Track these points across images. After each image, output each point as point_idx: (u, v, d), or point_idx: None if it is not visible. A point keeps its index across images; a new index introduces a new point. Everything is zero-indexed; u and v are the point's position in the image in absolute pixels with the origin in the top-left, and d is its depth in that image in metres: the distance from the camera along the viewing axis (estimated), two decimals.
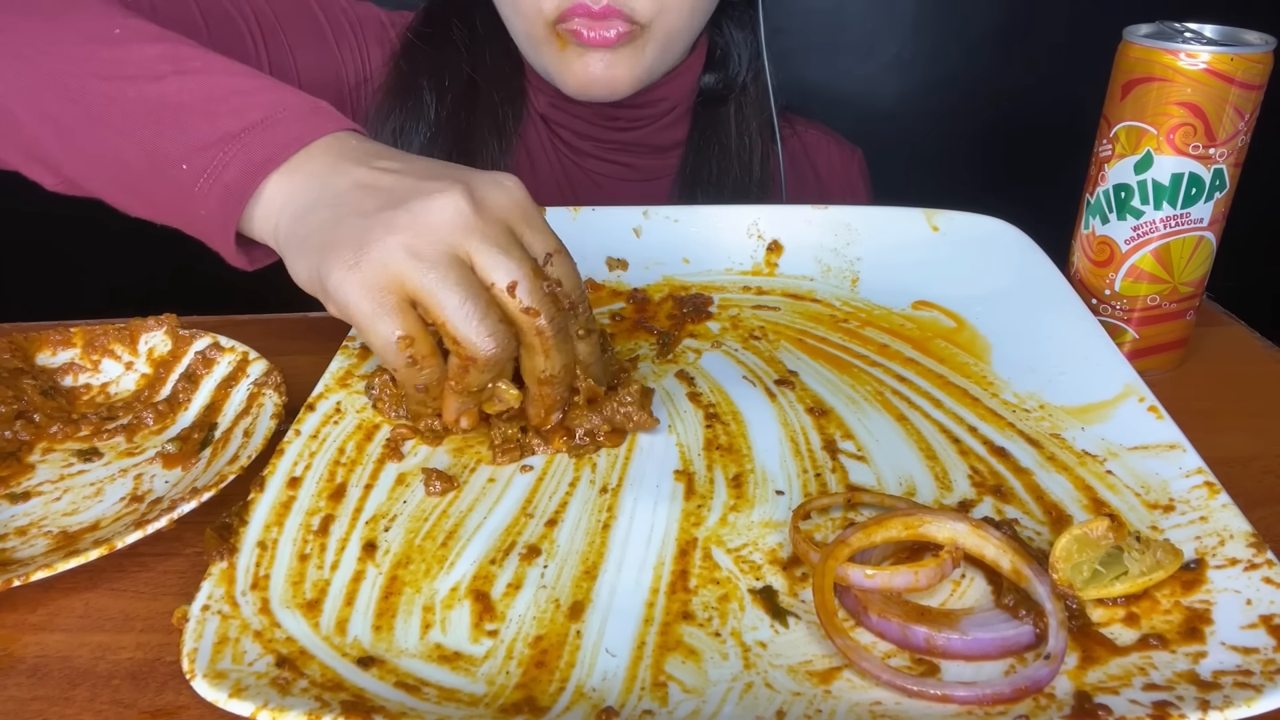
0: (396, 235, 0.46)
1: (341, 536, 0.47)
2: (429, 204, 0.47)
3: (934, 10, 1.43)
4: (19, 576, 0.43)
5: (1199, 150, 0.57)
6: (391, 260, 0.46)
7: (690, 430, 0.55)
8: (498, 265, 0.47)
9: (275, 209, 0.51)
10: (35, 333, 0.63)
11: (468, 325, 0.47)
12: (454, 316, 0.46)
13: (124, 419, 0.58)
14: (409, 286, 0.46)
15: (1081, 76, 0.84)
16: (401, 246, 0.46)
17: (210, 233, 0.53)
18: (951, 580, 0.44)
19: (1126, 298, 0.62)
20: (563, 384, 0.52)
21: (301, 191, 0.50)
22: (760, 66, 0.89)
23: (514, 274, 0.47)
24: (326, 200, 0.49)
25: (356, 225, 0.47)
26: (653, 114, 0.88)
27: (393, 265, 0.46)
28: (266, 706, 0.36)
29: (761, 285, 0.72)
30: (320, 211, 0.49)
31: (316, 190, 0.50)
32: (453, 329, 0.47)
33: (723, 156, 0.89)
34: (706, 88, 0.90)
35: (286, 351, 0.61)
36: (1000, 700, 0.37)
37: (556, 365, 0.50)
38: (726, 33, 0.89)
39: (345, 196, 0.49)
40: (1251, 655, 0.38)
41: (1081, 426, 0.54)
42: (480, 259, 0.47)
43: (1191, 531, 0.45)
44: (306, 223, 0.49)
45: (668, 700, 0.38)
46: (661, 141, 0.90)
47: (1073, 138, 0.85)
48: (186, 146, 0.52)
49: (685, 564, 0.45)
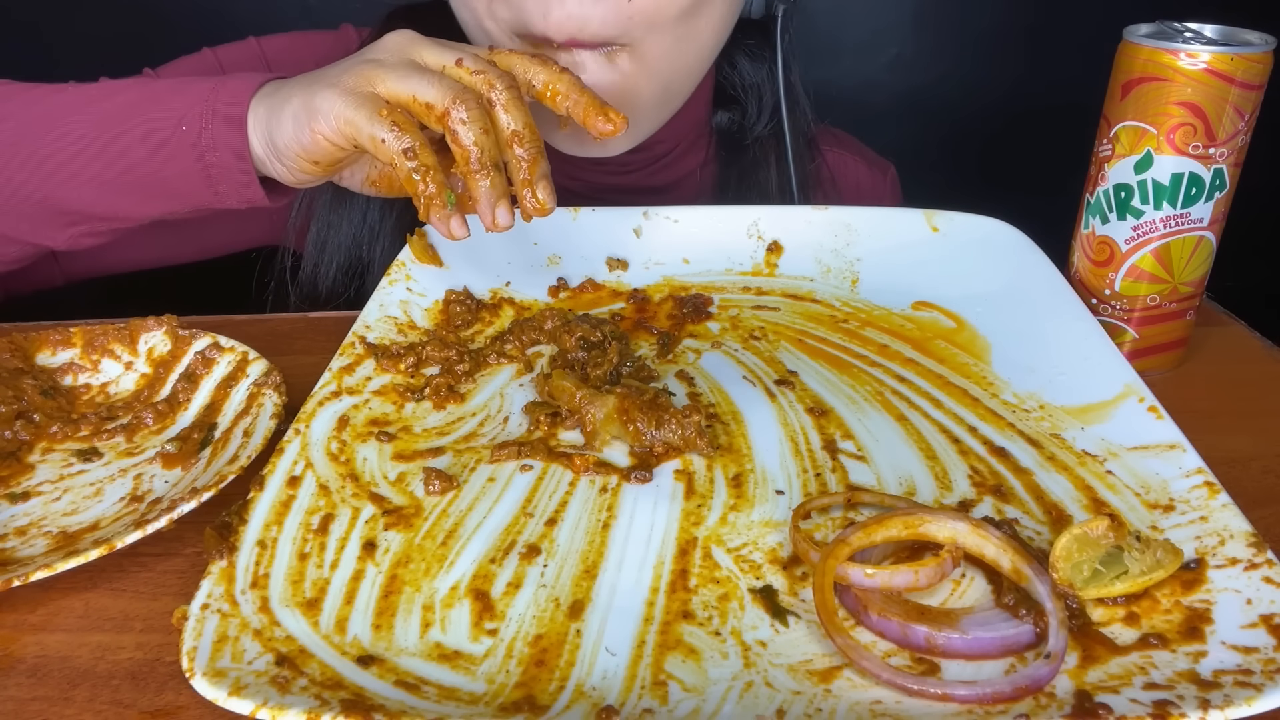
0: (366, 61, 0.57)
1: (341, 535, 0.47)
2: (383, 39, 0.59)
3: (934, 10, 1.43)
4: (19, 576, 0.43)
5: (1199, 150, 0.57)
6: (364, 71, 0.56)
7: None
8: (444, 51, 0.57)
9: (259, 111, 0.59)
10: (35, 332, 0.63)
11: (429, 88, 0.54)
12: (416, 85, 0.55)
13: (124, 419, 0.58)
14: (379, 86, 0.56)
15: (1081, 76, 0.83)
16: (370, 63, 0.57)
17: (228, 171, 0.61)
18: (952, 580, 0.44)
19: (1126, 298, 0.62)
20: (530, 143, 0.56)
21: (275, 89, 0.60)
22: (792, 104, 0.83)
23: (459, 53, 0.57)
24: (299, 81, 0.59)
25: (332, 70, 0.58)
26: (648, 158, 0.83)
27: (365, 73, 0.56)
28: (266, 705, 0.36)
29: (761, 285, 0.72)
30: (296, 82, 0.59)
31: (286, 85, 0.60)
32: (421, 96, 0.55)
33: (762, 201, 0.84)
34: (720, 129, 0.84)
35: (286, 351, 0.62)
36: (1001, 699, 0.37)
37: (518, 120, 0.56)
38: (740, 68, 0.83)
39: (314, 73, 0.59)
40: (1252, 654, 0.38)
41: (1081, 426, 0.54)
42: (429, 54, 0.57)
43: (1191, 531, 0.45)
44: (285, 88, 0.59)
45: (668, 699, 0.38)
46: (658, 183, 0.85)
47: (1072, 138, 0.85)
48: (176, 116, 0.60)
49: (685, 563, 0.45)
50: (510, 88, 0.56)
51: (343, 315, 0.71)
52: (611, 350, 0.60)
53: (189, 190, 0.62)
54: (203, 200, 0.63)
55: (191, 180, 0.61)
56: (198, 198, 0.63)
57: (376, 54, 0.58)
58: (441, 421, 0.56)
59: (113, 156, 0.61)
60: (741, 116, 0.84)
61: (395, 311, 0.66)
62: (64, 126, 0.62)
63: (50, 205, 0.64)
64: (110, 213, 0.65)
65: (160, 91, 0.62)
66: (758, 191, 0.85)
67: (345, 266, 0.79)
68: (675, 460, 0.53)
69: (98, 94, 0.63)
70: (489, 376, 0.61)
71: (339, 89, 0.55)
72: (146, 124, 0.61)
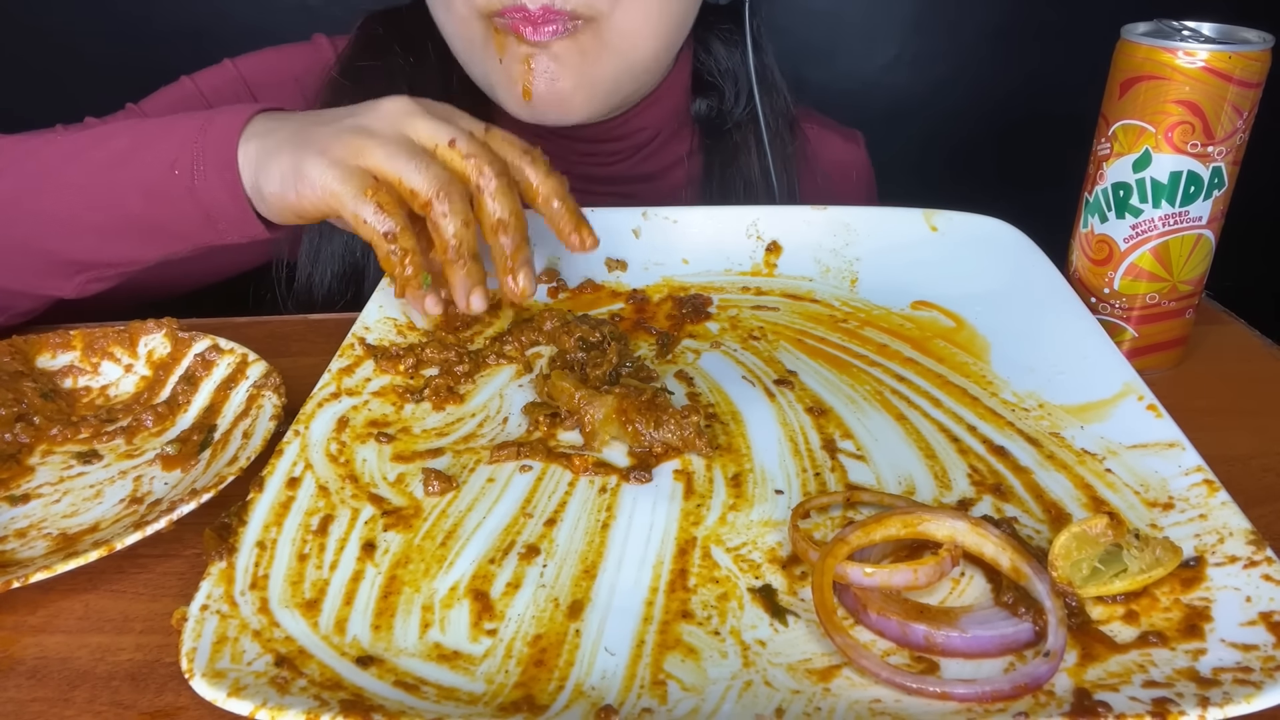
0: (357, 128, 0.56)
1: (340, 536, 0.47)
2: (380, 103, 0.58)
3: (934, 10, 1.44)
4: (19, 578, 0.43)
5: (1197, 148, 0.57)
6: (354, 141, 0.55)
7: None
8: (439, 129, 0.56)
9: (249, 151, 0.59)
10: (35, 335, 0.63)
11: (416, 173, 0.55)
12: (404, 169, 0.54)
13: (123, 421, 0.58)
14: (367, 159, 0.55)
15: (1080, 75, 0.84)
16: (362, 132, 0.56)
17: (224, 209, 0.60)
18: (951, 578, 0.44)
19: (1125, 296, 0.62)
20: (515, 231, 0.58)
21: (264, 128, 0.59)
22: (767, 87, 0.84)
23: (453, 133, 0.56)
24: (291, 123, 0.59)
25: (323, 129, 0.57)
26: (631, 146, 0.84)
27: (354, 144, 0.55)
28: (265, 705, 0.36)
29: (761, 286, 0.72)
30: (288, 128, 0.59)
31: (279, 123, 0.59)
32: (407, 181, 0.55)
33: (748, 192, 0.85)
34: (699, 116, 0.85)
35: (286, 353, 0.62)
36: (1000, 697, 0.37)
37: (504, 209, 0.57)
38: (715, 54, 0.84)
39: (307, 118, 0.60)
40: (1251, 652, 0.38)
41: (1081, 425, 0.54)
42: (424, 128, 0.56)
43: (1191, 529, 0.45)
44: (275, 137, 0.58)
45: (667, 698, 0.38)
46: (648, 170, 0.86)
47: (1071, 136, 0.85)
48: (167, 160, 0.60)
49: (684, 563, 0.45)
50: (500, 175, 0.56)
51: (342, 317, 0.71)
52: (611, 351, 0.60)
53: (189, 231, 0.62)
54: (204, 239, 0.63)
55: (191, 222, 0.61)
56: (199, 237, 0.63)
57: (370, 120, 0.57)
58: (441, 422, 0.56)
59: (110, 205, 0.61)
60: (720, 102, 0.85)
61: (394, 313, 0.66)
62: (59, 179, 0.62)
63: (55, 257, 0.64)
64: (114, 259, 0.65)
65: (149, 135, 0.62)
66: (742, 177, 0.86)
67: (340, 274, 0.79)
68: (674, 460, 0.53)
69: (88, 142, 0.63)
70: (488, 377, 0.61)
71: (328, 158, 0.55)
72: (139, 171, 0.60)
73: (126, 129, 0.64)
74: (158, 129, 0.62)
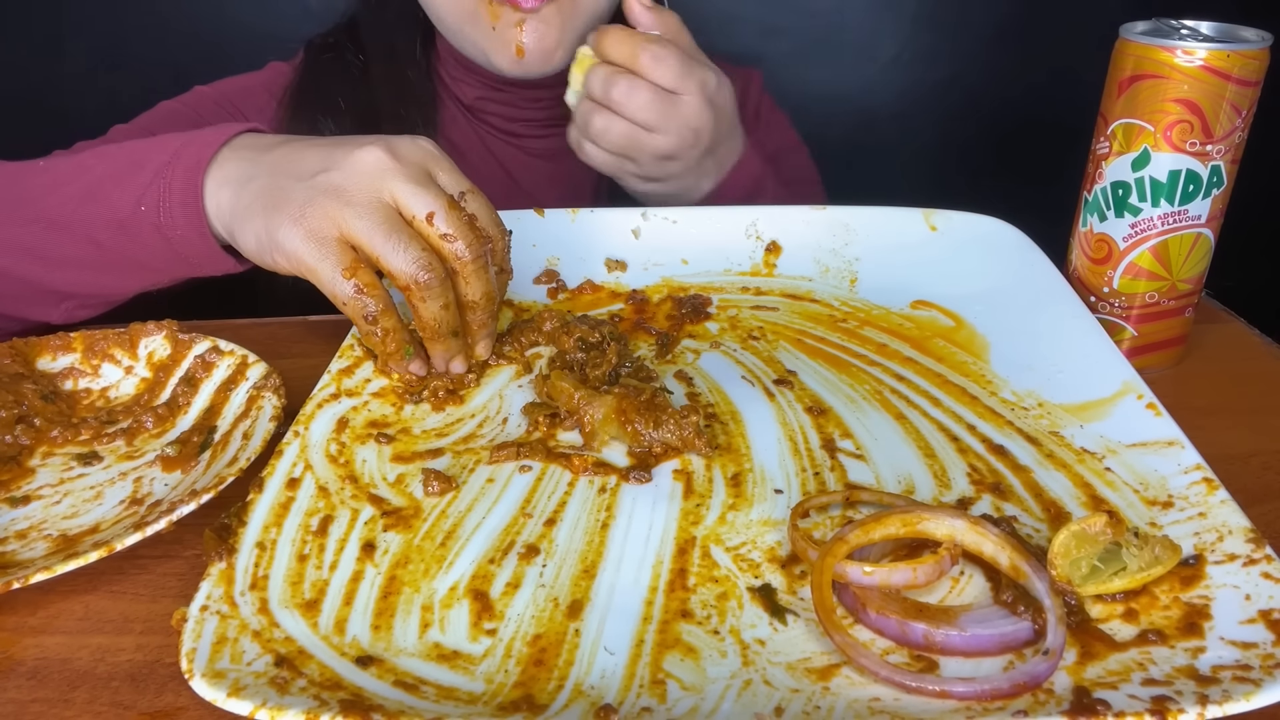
0: (331, 189, 0.54)
1: (340, 537, 0.47)
2: (354, 157, 0.55)
3: (934, 10, 1.43)
4: (19, 579, 0.43)
5: (1196, 147, 0.57)
6: (329, 209, 0.54)
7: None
8: (416, 199, 0.54)
9: (221, 199, 0.58)
10: (36, 338, 0.63)
11: (395, 255, 0.53)
12: (382, 248, 0.53)
13: (124, 423, 0.58)
14: (344, 230, 0.54)
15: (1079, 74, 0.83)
16: (337, 198, 0.54)
17: (192, 246, 0.60)
18: (950, 577, 0.44)
19: (1125, 295, 0.62)
20: (484, 310, 0.58)
21: (236, 172, 0.58)
22: None
23: (431, 205, 0.54)
24: (262, 170, 0.57)
25: (296, 187, 0.55)
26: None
27: (330, 212, 0.54)
28: (265, 705, 0.36)
29: (760, 286, 0.72)
30: (259, 179, 0.57)
31: (249, 166, 0.58)
32: (386, 262, 0.53)
33: None
34: None
35: (285, 354, 0.62)
36: (999, 696, 0.37)
37: (477, 291, 0.57)
38: None
39: (278, 164, 0.57)
40: (1250, 650, 0.38)
41: (1080, 424, 0.54)
42: (401, 196, 0.54)
43: (1190, 527, 0.45)
44: (248, 190, 0.57)
45: (666, 698, 0.38)
46: None
47: (1070, 136, 0.85)
48: (134, 197, 0.60)
49: (684, 562, 0.45)
50: (476, 258, 0.56)
51: (342, 318, 0.70)
52: (610, 351, 0.60)
53: (163, 265, 0.63)
54: (179, 272, 0.64)
55: (162, 256, 0.62)
56: (173, 270, 0.63)
57: (345, 179, 0.54)
58: (440, 423, 0.56)
59: (84, 240, 0.62)
60: None
61: None
62: (38, 210, 0.62)
63: (38, 286, 0.65)
64: (95, 291, 0.66)
65: (119, 168, 0.62)
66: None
67: None
68: (674, 460, 0.53)
69: (67, 175, 0.63)
70: (488, 378, 0.61)
71: (303, 228, 0.54)
72: (109, 206, 0.61)
73: (102, 160, 0.63)
74: (126, 164, 0.62)
